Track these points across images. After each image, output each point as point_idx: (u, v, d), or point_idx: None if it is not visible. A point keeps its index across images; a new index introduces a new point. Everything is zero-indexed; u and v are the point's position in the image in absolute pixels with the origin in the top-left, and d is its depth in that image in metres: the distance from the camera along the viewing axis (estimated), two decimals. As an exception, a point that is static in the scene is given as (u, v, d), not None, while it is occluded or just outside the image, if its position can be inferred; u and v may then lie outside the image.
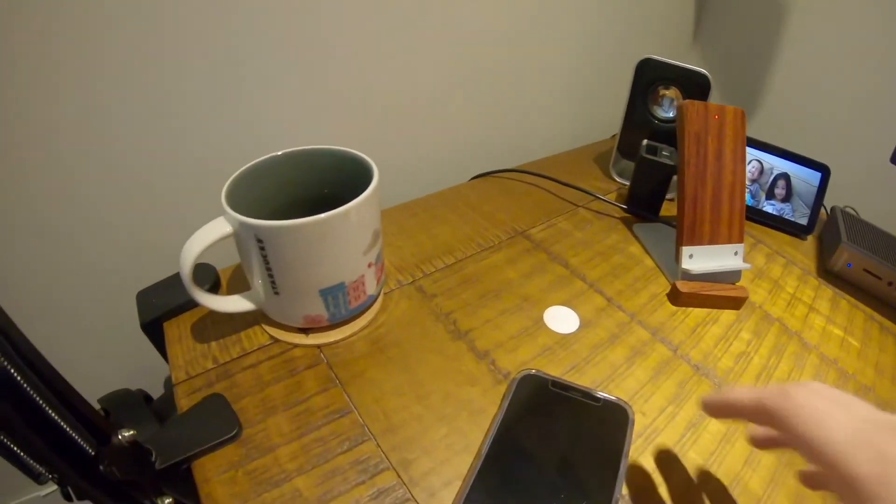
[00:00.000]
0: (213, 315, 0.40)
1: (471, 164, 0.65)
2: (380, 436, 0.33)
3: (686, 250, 0.44)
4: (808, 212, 0.58)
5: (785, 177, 0.57)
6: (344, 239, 0.34)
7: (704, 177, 0.44)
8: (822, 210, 0.62)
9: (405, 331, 0.39)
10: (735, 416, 0.27)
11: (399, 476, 0.31)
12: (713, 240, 0.45)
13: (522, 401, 0.34)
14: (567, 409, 0.33)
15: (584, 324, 0.41)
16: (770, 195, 0.58)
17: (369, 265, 0.37)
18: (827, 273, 0.55)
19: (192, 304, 0.40)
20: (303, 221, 0.32)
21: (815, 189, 0.57)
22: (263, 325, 0.39)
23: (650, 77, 0.53)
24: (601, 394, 0.34)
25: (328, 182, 0.40)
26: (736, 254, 0.46)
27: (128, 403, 0.39)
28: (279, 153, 0.38)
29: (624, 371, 0.38)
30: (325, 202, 0.34)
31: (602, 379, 0.37)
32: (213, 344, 0.38)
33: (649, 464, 0.33)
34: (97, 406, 0.36)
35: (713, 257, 0.45)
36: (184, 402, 0.35)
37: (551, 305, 0.42)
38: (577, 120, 0.79)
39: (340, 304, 0.37)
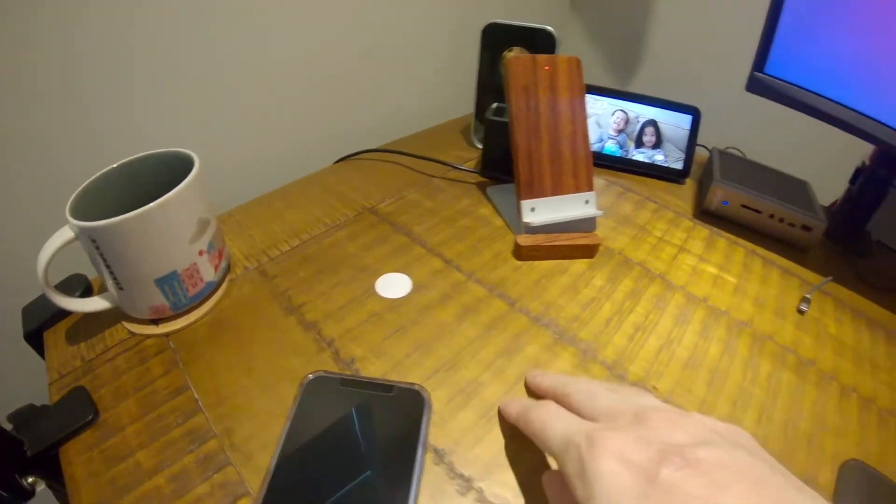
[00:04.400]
0: (84, 319, 0.45)
1: (340, 149, 0.69)
2: (209, 408, 0.37)
3: (526, 204, 0.47)
4: (682, 156, 0.60)
5: (652, 123, 0.60)
6: (165, 230, 0.38)
7: (538, 129, 0.47)
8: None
9: (244, 312, 0.43)
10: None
11: (222, 443, 0.35)
12: (557, 191, 0.48)
13: (311, 406, 0.35)
14: (360, 405, 0.35)
15: (416, 287, 0.45)
16: (639, 143, 0.60)
17: (200, 253, 0.42)
18: (705, 214, 0.57)
19: (66, 312, 0.46)
20: (121, 218, 0.36)
21: (687, 132, 0.59)
22: (123, 322, 0.44)
23: (497, 40, 0.56)
24: (394, 382, 0.36)
25: (176, 181, 0.45)
26: (587, 202, 0.49)
27: (32, 418, 0.45)
28: (115, 165, 0.43)
29: (453, 328, 0.41)
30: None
31: (428, 338, 0.41)
32: (83, 345, 0.43)
33: (465, 421, 0.36)
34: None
35: (558, 208, 0.48)
36: (55, 399, 0.40)
37: (386, 273, 0.46)
38: (446, 94, 0.84)
39: (179, 293, 0.42)
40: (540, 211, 0.47)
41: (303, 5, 0.61)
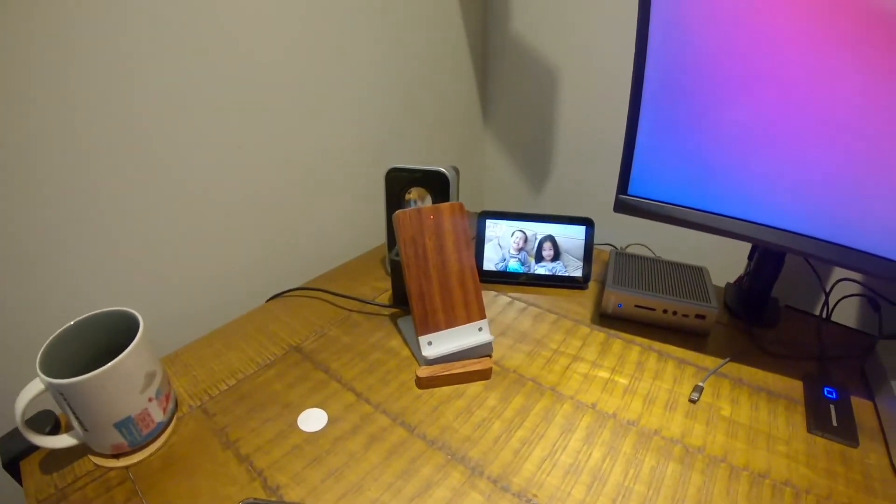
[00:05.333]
0: (55, 452, 0.57)
1: (274, 282, 0.83)
2: (163, 533, 0.50)
3: (423, 339, 0.60)
4: (580, 264, 0.73)
5: (550, 238, 0.72)
6: (118, 385, 0.50)
7: (428, 272, 0.59)
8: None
9: (190, 446, 0.55)
10: None
11: (171, 563, 0.48)
12: (451, 324, 0.60)
13: None
14: None
15: (331, 421, 0.57)
16: (539, 258, 0.73)
17: (150, 399, 0.54)
18: (604, 317, 0.69)
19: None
20: (81, 378, 0.48)
21: (583, 242, 0.72)
22: (89, 456, 0.56)
23: (399, 182, 0.69)
24: None
25: (127, 332, 0.58)
26: (480, 329, 0.61)
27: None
28: (71, 323, 0.55)
29: (360, 456, 0.53)
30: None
31: (339, 465, 0.52)
32: (55, 474, 0.55)
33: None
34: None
35: (453, 339, 0.60)
36: (35, 522, 0.53)
37: (306, 409, 0.58)
38: (370, 224, 1.01)
39: (134, 433, 0.54)
40: (437, 344, 0.60)
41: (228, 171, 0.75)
